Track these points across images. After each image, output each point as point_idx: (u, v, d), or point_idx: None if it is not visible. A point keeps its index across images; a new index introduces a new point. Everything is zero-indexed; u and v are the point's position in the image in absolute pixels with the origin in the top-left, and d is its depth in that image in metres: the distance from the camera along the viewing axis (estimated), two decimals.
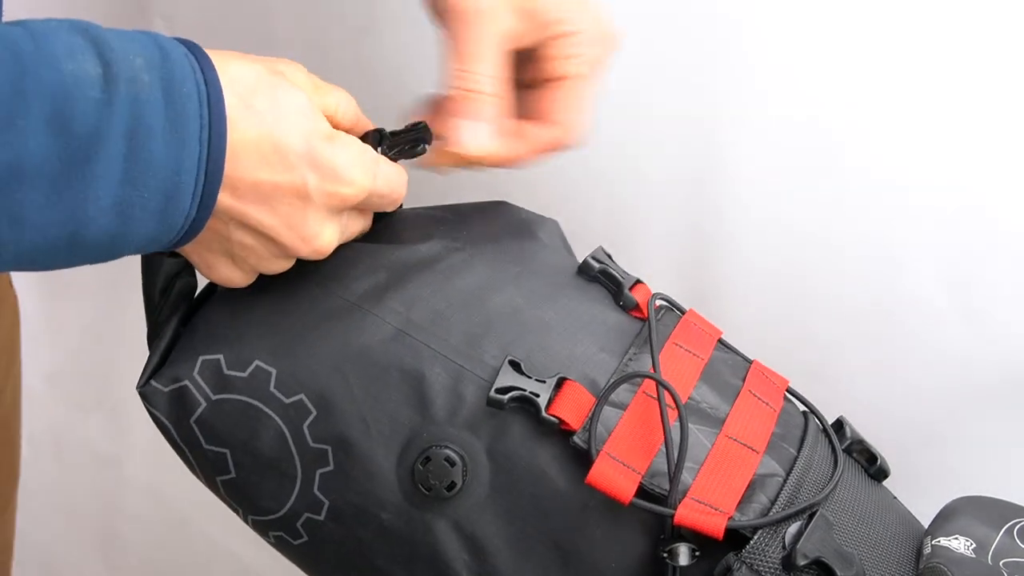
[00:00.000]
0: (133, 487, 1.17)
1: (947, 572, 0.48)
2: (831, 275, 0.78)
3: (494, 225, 0.57)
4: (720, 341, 0.56)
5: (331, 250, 0.49)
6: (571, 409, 0.48)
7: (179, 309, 0.55)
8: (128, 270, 1.09)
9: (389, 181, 0.50)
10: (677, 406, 0.47)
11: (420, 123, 0.52)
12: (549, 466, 0.48)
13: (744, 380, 0.53)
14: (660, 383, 0.48)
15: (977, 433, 0.77)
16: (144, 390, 0.52)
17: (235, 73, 0.44)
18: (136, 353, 1.17)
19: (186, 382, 0.51)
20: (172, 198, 0.42)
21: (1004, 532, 0.55)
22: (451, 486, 0.48)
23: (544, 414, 0.47)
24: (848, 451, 0.54)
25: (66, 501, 1.13)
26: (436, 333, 0.50)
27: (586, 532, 0.49)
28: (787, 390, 0.55)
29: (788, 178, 0.77)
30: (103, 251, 0.42)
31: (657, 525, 0.48)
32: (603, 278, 0.55)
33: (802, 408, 0.56)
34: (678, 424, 0.48)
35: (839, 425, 0.55)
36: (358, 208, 0.50)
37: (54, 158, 0.38)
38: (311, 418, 0.50)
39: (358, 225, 0.52)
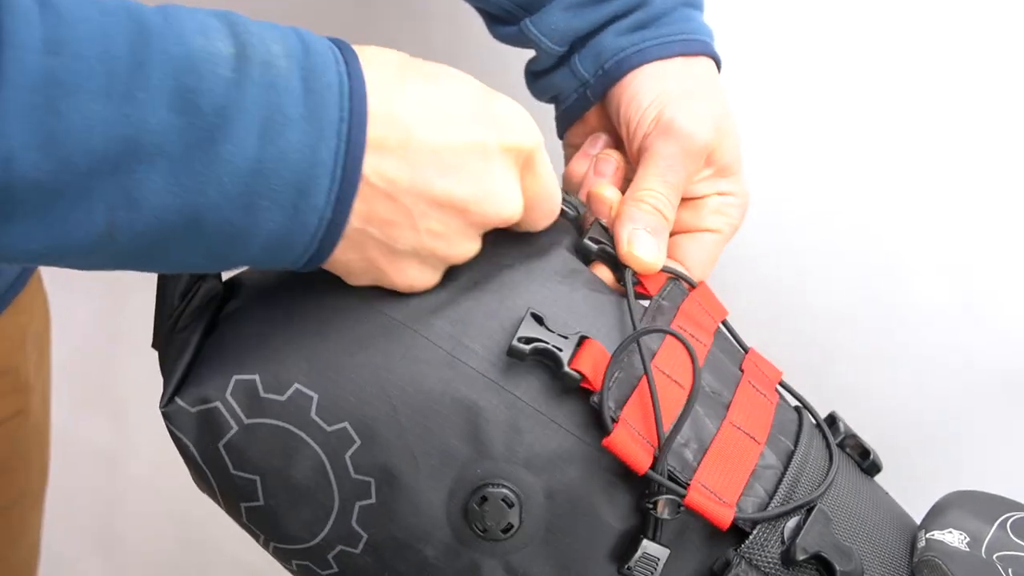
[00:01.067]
0: (133, 486, 1.17)
1: (942, 565, 0.49)
2: (832, 275, 0.78)
3: (540, 238, 0.53)
4: (723, 323, 0.56)
5: (519, 215, 0.46)
6: (591, 368, 0.46)
7: (203, 318, 0.50)
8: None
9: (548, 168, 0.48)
10: (691, 358, 0.46)
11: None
12: (604, 509, 0.47)
13: (742, 370, 0.53)
14: (661, 332, 0.47)
15: (978, 432, 0.77)
16: (168, 410, 0.48)
17: (380, 58, 0.43)
18: (136, 352, 1.17)
19: (217, 403, 0.47)
20: (305, 193, 0.39)
21: (997, 526, 0.55)
22: (508, 528, 0.46)
23: (566, 368, 0.46)
24: (841, 446, 0.54)
25: (66, 500, 1.13)
26: (490, 360, 0.47)
27: None
28: (780, 383, 0.55)
29: (789, 179, 0.77)
30: (223, 246, 0.40)
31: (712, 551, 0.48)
32: (603, 260, 0.54)
33: (794, 403, 0.56)
34: (691, 411, 0.47)
35: (832, 420, 0.55)
36: (525, 180, 0.47)
37: (175, 136, 0.36)
38: (354, 448, 0.46)
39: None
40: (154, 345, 0.53)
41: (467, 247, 0.46)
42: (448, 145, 0.42)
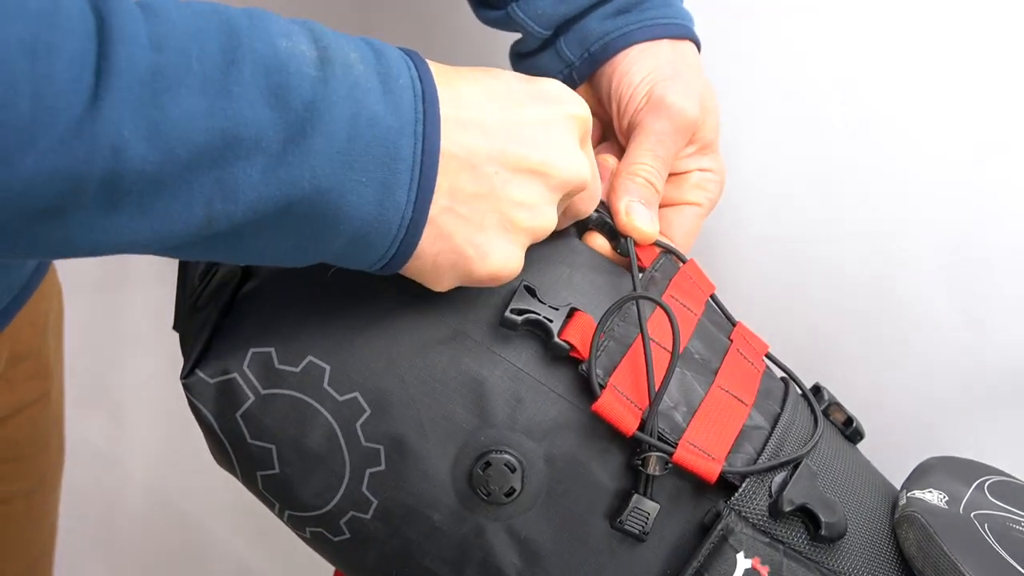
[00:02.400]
0: (133, 486, 1.18)
1: (921, 519, 0.51)
2: (832, 275, 0.79)
3: None
4: (711, 297, 0.58)
5: (589, 180, 0.47)
6: (580, 338, 0.48)
7: (221, 296, 0.52)
8: (129, 270, 1.11)
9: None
10: (671, 322, 0.48)
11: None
12: (600, 472, 0.49)
13: (731, 340, 0.55)
14: (650, 300, 0.49)
15: (976, 432, 0.78)
16: (188, 381, 0.50)
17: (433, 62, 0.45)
18: (136, 352, 1.18)
19: (235, 375, 0.49)
20: (389, 188, 0.41)
21: (975, 487, 0.57)
22: (510, 492, 0.48)
23: (556, 339, 0.48)
24: (825, 414, 0.57)
25: (66, 500, 1.14)
26: (493, 334, 0.49)
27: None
28: (766, 355, 0.58)
29: (789, 177, 0.78)
30: (310, 239, 0.42)
31: (705, 519, 0.49)
32: (600, 229, 0.56)
33: (780, 374, 0.58)
34: (674, 371, 0.49)
35: (816, 389, 0.58)
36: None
37: (270, 130, 0.38)
38: (364, 417, 0.48)
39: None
40: (175, 327, 0.56)
41: (549, 216, 0.46)
42: (516, 121, 0.44)
